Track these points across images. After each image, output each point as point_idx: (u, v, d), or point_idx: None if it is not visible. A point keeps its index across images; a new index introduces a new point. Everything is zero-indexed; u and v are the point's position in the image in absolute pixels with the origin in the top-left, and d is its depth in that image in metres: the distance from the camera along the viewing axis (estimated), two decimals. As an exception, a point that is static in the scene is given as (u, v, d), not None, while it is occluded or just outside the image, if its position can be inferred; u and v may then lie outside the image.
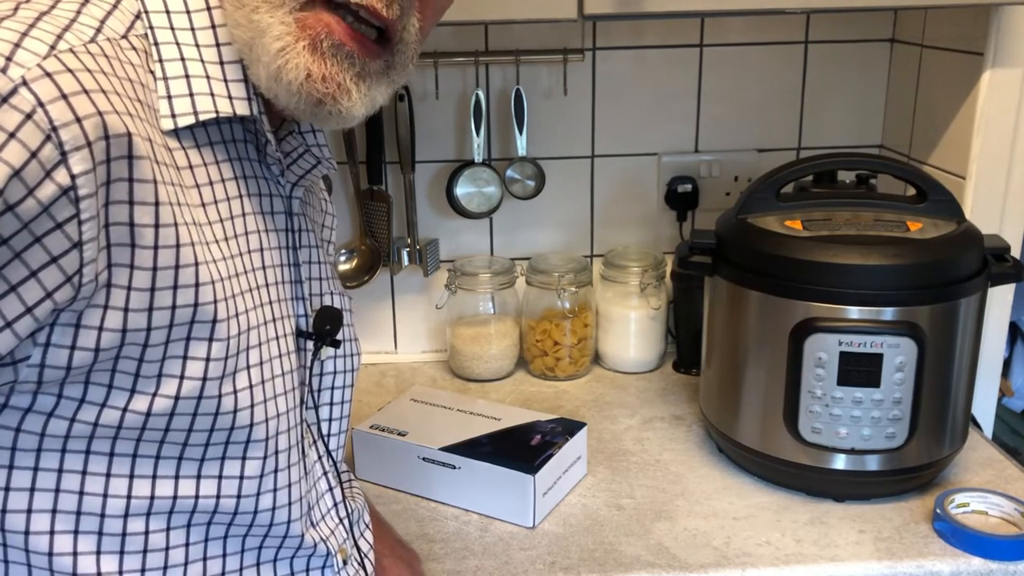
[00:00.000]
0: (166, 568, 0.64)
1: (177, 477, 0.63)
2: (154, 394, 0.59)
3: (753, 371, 1.12)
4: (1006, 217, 1.29)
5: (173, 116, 0.61)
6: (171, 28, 0.63)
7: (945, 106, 1.33)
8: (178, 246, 0.58)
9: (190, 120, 0.62)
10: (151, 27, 0.62)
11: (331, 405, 0.82)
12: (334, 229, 0.88)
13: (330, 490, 0.78)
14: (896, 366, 1.04)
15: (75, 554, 0.61)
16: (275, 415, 0.67)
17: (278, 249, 0.71)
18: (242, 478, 0.66)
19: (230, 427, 0.64)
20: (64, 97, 0.51)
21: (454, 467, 1.10)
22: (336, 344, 0.77)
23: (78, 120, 0.52)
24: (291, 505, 0.70)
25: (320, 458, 0.78)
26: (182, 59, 0.62)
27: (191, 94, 0.62)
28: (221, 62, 0.64)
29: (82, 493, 0.60)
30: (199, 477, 0.64)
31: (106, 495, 0.61)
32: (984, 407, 1.36)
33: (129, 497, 0.62)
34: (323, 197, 0.87)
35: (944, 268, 1.05)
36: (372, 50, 0.64)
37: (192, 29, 0.63)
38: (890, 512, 1.08)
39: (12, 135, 0.49)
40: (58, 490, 0.60)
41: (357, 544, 0.82)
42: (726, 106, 1.49)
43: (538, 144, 1.47)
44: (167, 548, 0.64)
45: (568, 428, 1.15)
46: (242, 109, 0.64)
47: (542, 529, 1.07)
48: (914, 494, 1.11)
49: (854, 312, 1.03)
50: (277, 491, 0.68)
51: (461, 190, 1.44)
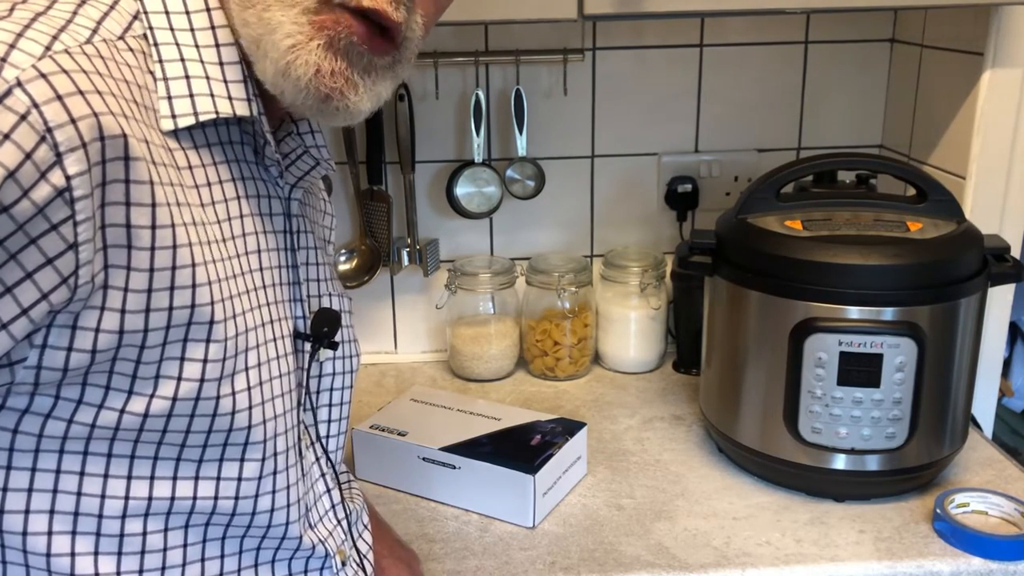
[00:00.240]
0: (164, 569, 0.64)
1: (175, 478, 0.63)
2: (151, 395, 0.59)
3: (753, 371, 1.12)
4: (1006, 217, 1.29)
5: (173, 116, 0.61)
6: (170, 29, 0.62)
7: (945, 106, 1.32)
8: (175, 247, 0.58)
9: (190, 121, 0.62)
10: (150, 27, 0.62)
11: (330, 406, 0.81)
12: (333, 229, 0.88)
13: (328, 491, 0.78)
14: (896, 366, 1.03)
15: (73, 555, 0.61)
16: (273, 417, 0.67)
17: (276, 250, 0.71)
18: (240, 479, 0.66)
19: (228, 428, 0.64)
20: (59, 98, 0.51)
21: (454, 467, 1.10)
22: (334, 346, 0.77)
23: (73, 121, 0.52)
24: (289, 506, 0.70)
25: (318, 459, 0.77)
26: (182, 59, 0.62)
27: (191, 95, 0.62)
28: (221, 63, 0.64)
29: (80, 494, 0.60)
30: (197, 478, 0.64)
31: (104, 496, 0.61)
32: (984, 407, 1.35)
33: (127, 498, 0.62)
34: (322, 198, 0.87)
35: (944, 268, 1.05)
36: (381, 46, 0.64)
37: (192, 30, 0.63)
38: (890, 512, 1.08)
39: (6, 136, 0.49)
40: (56, 491, 0.60)
41: (356, 545, 0.82)
42: (726, 106, 1.49)
43: (538, 144, 1.47)
44: (165, 549, 0.64)
45: (568, 428, 1.15)
46: (242, 110, 0.64)
47: (542, 529, 1.07)
48: (914, 494, 1.11)
49: (854, 312, 1.03)
50: (275, 492, 0.68)
51: (461, 190, 1.44)
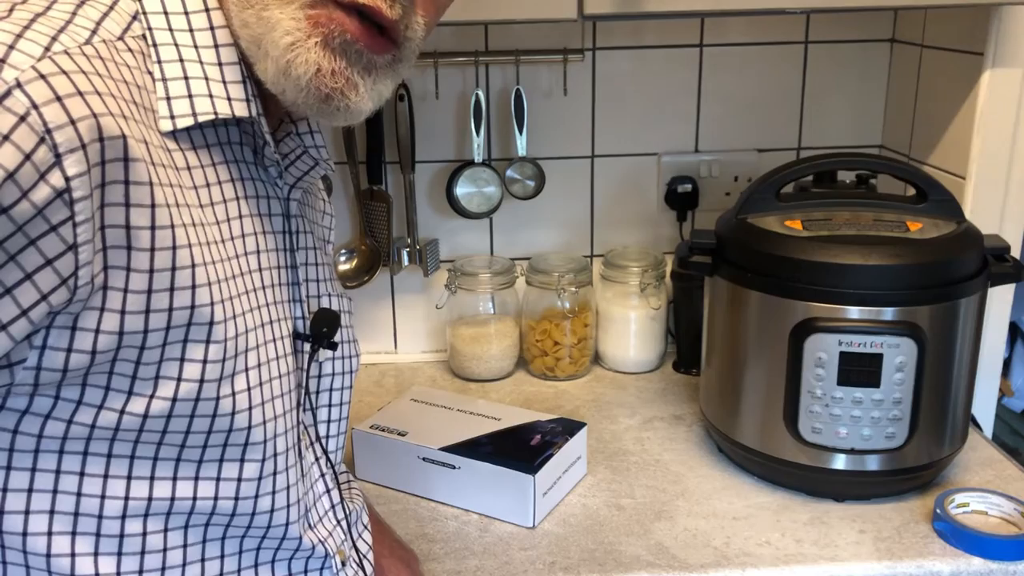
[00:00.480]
0: (164, 569, 0.64)
1: (175, 479, 0.63)
2: (151, 396, 0.59)
3: (753, 371, 1.12)
4: (1006, 217, 1.29)
5: (172, 117, 0.61)
6: (169, 29, 0.62)
7: (945, 106, 1.32)
8: (175, 248, 0.58)
9: (189, 121, 0.62)
10: (149, 28, 0.62)
11: (329, 407, 0.81)
12: (332, 229, 0.88)
13: (328, 491, 0.78)
14: (896, 366, 1.03)
15: (73, 555, 0.61)
16: (273, 417, 0.67)
17: (276, 251, 0.71)
18: (240, 480, 0.66)
19: (228, 429, 0.64)
20: (58, 99, 0.51)
21: (454, 467, 1.10)
22: (333, 346, 0.77)
23: (72, 122, 0.51)
24: (289, 507, 0.70)
25: (318, 459, 0.77)
26: (180, 60, 0.62)
27: (190, 95, 0.62)
28: (219, 63, 0.64)
29: (80, 494, 0.60)
30: (197, 479, 0.64)
31: (104, 496, 0.61)
32: (984, 407, 1.35)
33: (127, 498, 0.62)
34: (321, 198, 0.87)
35: (944, 268, 1.05)
36: (380, 45, 0.64)
37: (190, 30, 0.63)
38: (890, 512, 1.08)
39: (6, 137, 0.49)
40: (56, 491, 0.60)
41: (356, 545, 0.82)
42: (726, 106, 1.49)
43: (538, 144, 1.47)
44: (165, 549, 0.64)
45: (568, 428, 1.15)
46: (241, 110, 0.64)
47: (542, 529, 1.07)
48: (914, 494, 1.11)
49: (854, 312, 1.03)
50: (275, 493, 0.68)
51: (461, 190, 1.44)
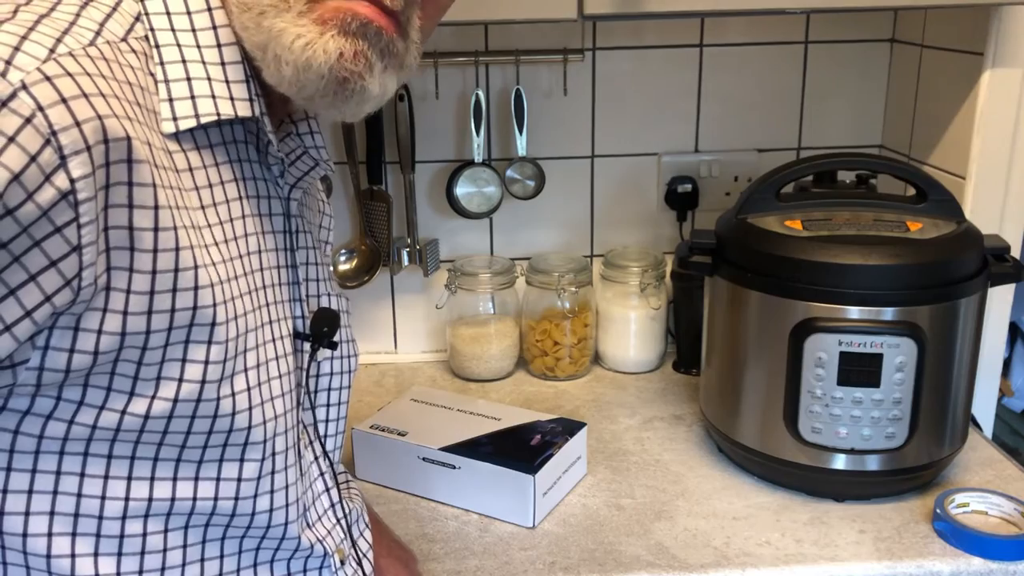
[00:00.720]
0: (164, 569, 0.64)
1: (175, 479, 0.63)
2: (152, 397, 0.60)
3: (753, 371, 1.12)
4: (1006, 217, 1.29)
5: (174, 119, 0.61)
6: (172, 30, 0.62)
7: (945, 106, 1.33)
8: (177, 249, 0.58)
9: (191, 123, 0.62)
10: (152, 29, 0.62)
11: (328, 406, 0.82)
12: (331, 230, 0.88)
13: (327, 491, 0.78)
14: (896, 366, 1.04)
15: (73, 556, 0.61)
16: (273, 417, 0.67)
17: (276, 251, 0.71)
18: (240, 480, 0.66)
19: (228, 429, 0.64)
20: (63, 101, 0.51)
21: (454, 467, 1.10)
22: (333, 346, 0.77)
23: (77, 124, 0.52)
24: (288, 506, 0.70)
25: (317, 459, 0.78)
26: (183, 61, 0.62)
27: (192, 96, 0.62)
28: (222, 63, 0.64)
29: (80, 495, 0.60)
30: (197, 479, 0.64)
31: (104, 497, 0.61)
32: (984, 407, 1.36)
33: (127, 499, 0.62)
34: (320, 198, 0.87)
35: (944, 268, 1.05)
36: (393, 25, 0.64)
37: (193, 30, 0.63)
38: (890, 512, 1.08)
39: (11, 139, 0.49)
40: (56, 492, 0.60)
41: (356, 544, 0.82)
42: (726, 106, 1.49)
43: (538, 144, 1.47)
44: (165, 549, 0.64)
45: (568, 428, 1.15)
46: (244, 110, 0.64)
47: (542, 529, 1.07)
48: (914, 494, 1.11)
49: (854, 312, 1.03)
50: (274, 492, 0.68)
51: (461, 190, 1.44)
